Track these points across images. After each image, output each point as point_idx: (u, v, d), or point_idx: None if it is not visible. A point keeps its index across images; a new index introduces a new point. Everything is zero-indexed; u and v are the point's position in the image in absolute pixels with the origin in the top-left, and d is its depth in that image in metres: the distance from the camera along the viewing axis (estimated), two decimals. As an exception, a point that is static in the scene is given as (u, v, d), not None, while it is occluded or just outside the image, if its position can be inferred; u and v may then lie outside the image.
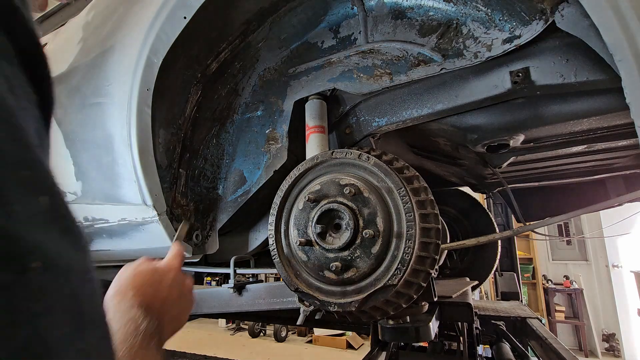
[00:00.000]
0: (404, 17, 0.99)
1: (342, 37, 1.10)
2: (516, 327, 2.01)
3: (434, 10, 0.94)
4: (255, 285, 1.88)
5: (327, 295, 0.85)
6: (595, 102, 0.89)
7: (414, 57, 0.96)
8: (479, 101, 0.92)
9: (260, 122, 1.23)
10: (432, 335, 1.06)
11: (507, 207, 2.89)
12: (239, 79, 1.26)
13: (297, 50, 1.18)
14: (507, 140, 1.08)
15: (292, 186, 0.95)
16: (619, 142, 1.19)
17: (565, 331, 6.44)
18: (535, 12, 0.78)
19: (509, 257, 3.10)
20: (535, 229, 1.14)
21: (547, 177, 1.80)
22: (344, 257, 0.80)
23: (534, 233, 1.59)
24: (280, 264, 0.92)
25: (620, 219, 2.04)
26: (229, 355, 2.91)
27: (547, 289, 6.58)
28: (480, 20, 0.88)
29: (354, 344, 6.31)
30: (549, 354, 1.59)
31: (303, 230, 0.86)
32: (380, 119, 1.08)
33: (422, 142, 1.40)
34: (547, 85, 0.83)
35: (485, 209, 2.34)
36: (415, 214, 0.77)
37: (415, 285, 0.79)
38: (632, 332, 5.82)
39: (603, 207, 0.96)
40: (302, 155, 1.13)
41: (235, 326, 7.80)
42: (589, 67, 0.78)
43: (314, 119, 1.11)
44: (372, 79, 1.02)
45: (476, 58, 0.87)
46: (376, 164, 0.83)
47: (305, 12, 1.12)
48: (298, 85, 1.17)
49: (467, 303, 1.33)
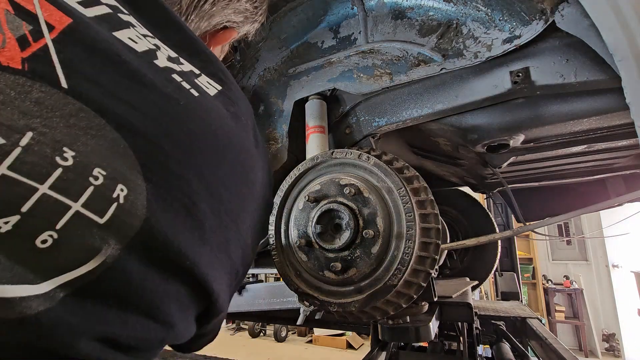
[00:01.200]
0: (404, 17, 0.99)
1: (342, 37, 1.10)
2: (516, 327, 2.01)
3: (434, 10, 0.94)
4: (255, 285, 1.89)
5: (327, 295, 0.85)
6: (595, 102, 0.89)
7: (414, 57, 0.97)
8: (479, 101, 0.92)
9: (260, 122, 1.23)
10: (432, 335, 1.06)
11: (507, 207, 2.89)
12: (239, 79, 1.26)
13: (297, 50, 1.18)
14: (507, 140, 1.08)
15: (292, 186, 0.95)
16: (619, 142, 1.19)
17: (565, 331, 6.45)
18: (535, 12, 0.78)
19: (509, 257, 3.10)
20: (535, 229, 1.14)
21: (547, 177, 1.79)
22: (344, 257, 0.80)
23: (534, 233, 1.59)
24: (280, 264, 0.92)
25: (620, 219, 2.03)
26: (229, 355, 2.91)
27: (547, 289, 6.58)
28: (480, 20, 0.88)
29: (354, 344, 6.31)
30: (549, 354, 1.59)
31: (303, 230, 0.86)
32: (380, 119, 1.08)
33: (422, 142, 1.40)
34: (547, 85, 0.83)
35: (485, 209, 2.34)
36: (415, 214, 0.77)
37: (415, 285, 0.79)
38: (632, 332, 5.82)
39: (603, 207, 0.96)
40: (302, 155, 1.13)
41: (235, 326, 7.80)
42: (589, 67, 0.77)
43: (314, 119, 1.11)
44: (372, 79, 1.02)
45: (476, 58, 0.87)
46: (376, 164, 0.83)
47: (305, 12, 1.12)
48: (298, 85, 1.17)
49: (467, 303, 1.33)
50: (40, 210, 0.29)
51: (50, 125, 0.30)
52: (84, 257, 0.30)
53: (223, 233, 0.43)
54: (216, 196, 0.42)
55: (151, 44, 0.45)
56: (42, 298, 0.28)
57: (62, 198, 0.30)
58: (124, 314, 0.33)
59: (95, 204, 0.31)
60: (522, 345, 1.74)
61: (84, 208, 0.31)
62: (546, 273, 6.89)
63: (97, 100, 0.34)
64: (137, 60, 0.40)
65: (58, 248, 0.29)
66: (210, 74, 0.52)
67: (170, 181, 0.37)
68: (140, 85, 0.38)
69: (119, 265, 0.32)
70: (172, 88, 0.42)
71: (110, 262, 0.31)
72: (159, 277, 0.35)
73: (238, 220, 0.46)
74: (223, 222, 0.43)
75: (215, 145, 0.43)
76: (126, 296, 0.33)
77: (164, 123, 0.38)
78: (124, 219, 0.33)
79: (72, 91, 0.33)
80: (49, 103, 0.31)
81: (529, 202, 2.05)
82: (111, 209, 0.32)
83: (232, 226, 0.45)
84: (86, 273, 0.30)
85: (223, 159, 0.44)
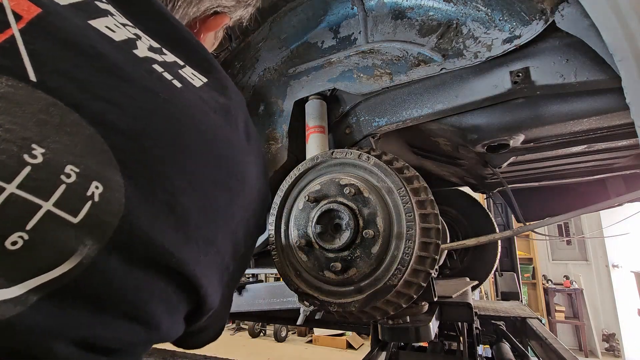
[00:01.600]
0: (404, 17, 0.99)
1: (342, 37, 1.10)
2: (516, 327, 2.01)
3: (434, 10, 0.94)
4: (255, 285, 1.89)
5: (327, 295, 0.85)
6: (595, 102, 0.89)
7: (414, 57, 0.97)
8: (479, 101, 0.92)
9: (260, 121, 1.23)
10: (432, 335, 1.06)
11: (507, 207, 2.89)
12: (239, 79, 1.26)
13: (297, 50, 1.18)
14: (507, 140, 1.08)
15: (292, 186, 0.95)
16: (619, 142, 1.19)
17: (565, 331, 6.45)
18: (535, 12, 0.78)
19: (509, 257, 3.10)
20: (535, 229, 1.14)
21: (547, 177, 1.79)
22: (344, 257, 0.80)
23: (534, 233, 1.59)
24: (280, 264, 0.92)
25: (620, 219, 2.03)
26: (229, 355, 2.91)
27: (547, 289, 6.58)
28: (480, 20, 0.88)
29: (354, 344, 6.31)
30: (549, 354, 1.59)
31: (303, 230, 0.86)
32: (380, 119, 1.08)
33: (422, 142, 1.40)
34: (547, 85, 0.83)
35: (485, 209, 2.34)
36: (415, 214, 0.77)
37: (415, 285, 0.79)
38: (632, 332, 5.82)
39: (603, 207, 0.96)
40: (302, 155, 1.13)
41: (235, 326, 7.80)
42: (589, 67, 0.77)
43: (314, 119, 1.11)
44: (372, 79, 1.02)
45: (476, 58, 0.87)
46: (376, 164, 0.83)
47: (305, 12, 1.12)
48: (298, 85, 1.17)
49: (467, 303, 1.33)
50: (8, 210, 0.27)
51: (17, 122, 0.29)
52: (58, 258, 0.29)
53: (210, 228, 0.42)
54: (200, 191, 0.40)
55: (131, 33, 0.43)
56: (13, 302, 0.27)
57: (31, 197, 0.28)
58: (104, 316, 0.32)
59: (68, 203, 0.30)
60: (522, 345, 1.74)
61: (55, 207, 0.29)
62: (546, 273, 6.88)
63: (70, 95, 0.32)
64: (114, 51, 0.38)
65: (29, 249, 0.28)
66: (196, 64, 0.50)
67: (151, 177, 0.36)
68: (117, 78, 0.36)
69: (98, 265, 0.31)
70: (153, 80, 0.40)
71: (88, 262, 0.30)
72: (142, 276, 0.34)
73: (227, 215, 0.45)
74: (209, 217, 0.41)
75: (199, 140, 0.42)
76: (107, 298, 0.32)
77: (143, 117, 0.37)
78: (100, 218, 0.31)
79: (42, 85, 0.31)
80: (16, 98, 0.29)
81: (529, 202, 2.05)
82: (85, 208, 0.31)
83: (220, 221, 0.43)
84: (61, 275, 0.29)
85: (207, 153, 0.42)
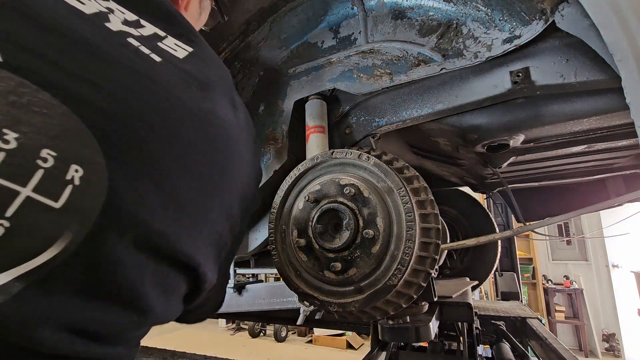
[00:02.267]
0: (404, 17, 0.99)
1: (342, 37, 1.10)
2: (516, 327, 2.01)
3: (434, 10, 0.94)
4: (255, 285, 1.88)
5: (327, 295, 0.85)
6: (595, 102, 0.89)
7: (414, 57, 0.96)
8: (479, 101, 0.92)
9: (260, 121, 1.23)
10: (432, 335, 1.06)
11: (507, 207, 2.89)
12: (239, 79, 1.26)
13: (297, 50, 1.18)
14: (507, 140, 1.08)
15: (292, 186, 0.95)
16: (619, 142, 1.19)
17: (565, 331, 6.44)
18: (535, 12, 0.78)
19: (509, 257, 3.09)
20: (535, 229, 1.14)
21: (547, 177, 1.79)
22: (344, 257, 0.80)
23: (534, 233, 1.59)
24: (280, 264, 0.92)
25: (620, 219, 2.03)
26: (229, 355, 2.90)
27: (547, 289, 6.57)
28: (480, 20, 0.88)
29: (354, 344, 6.30)
30: (549, 354, 1.59)
31: (303, 230, 0.86)
32: (380, 119, 1.08)
33: (422, 142, 1.39)
34: (547, 85, 0.83)
35: (485, 209, 2.34)
36: (415, 214, 0.77)
37: (415, 285, 0.79)
38: (632, 332, 5.82)
39: (603, 207, 0.96)
40: (302, 155, 1.13)
41: (235, 326, 7.80)
42: (589, 67, 0.77)
43: (314, 119, 1.11)
44: (372, 79, 1.02)
45: (476, 58, 0.87)
46: (376, 164, 0.83)
47: (305, 12, 1.12)
48: (298, 85, 1.17)
49: (467, 303, 1.32)
50: None
51: None
52: (42, 244, 0.28)
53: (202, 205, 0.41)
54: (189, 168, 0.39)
55: (102, 7, 0.41)
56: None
57: (8, 184, 0.27)
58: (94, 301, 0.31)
59: (47, 188, 0.29)
60: (522, 345, 1.74)
61: (35, 193, 0.28)
62: (546, 273, 6.88)
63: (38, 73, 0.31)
64: (84, 24, 0.37)
65: (11, 237, 0.27)
66: (178, 35, 0.48)
67: (135, 156, 0.34)
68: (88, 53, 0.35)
69: (85, 250, 0.30)
70: (128, 53, 0.39)
71: (74, 248, 0.29)
72: (133, 258, 0.33)
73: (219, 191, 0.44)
74: (201, 194, 0.40)
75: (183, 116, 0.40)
76: (95, 282, 0.31)
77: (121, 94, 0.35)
78: (83, 201, 0.30)
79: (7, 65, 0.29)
80: None
81: (529, 202, 2.05)
82: (66, 192, 0.30)
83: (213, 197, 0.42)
84: (47, 261, 0.28)
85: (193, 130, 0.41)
